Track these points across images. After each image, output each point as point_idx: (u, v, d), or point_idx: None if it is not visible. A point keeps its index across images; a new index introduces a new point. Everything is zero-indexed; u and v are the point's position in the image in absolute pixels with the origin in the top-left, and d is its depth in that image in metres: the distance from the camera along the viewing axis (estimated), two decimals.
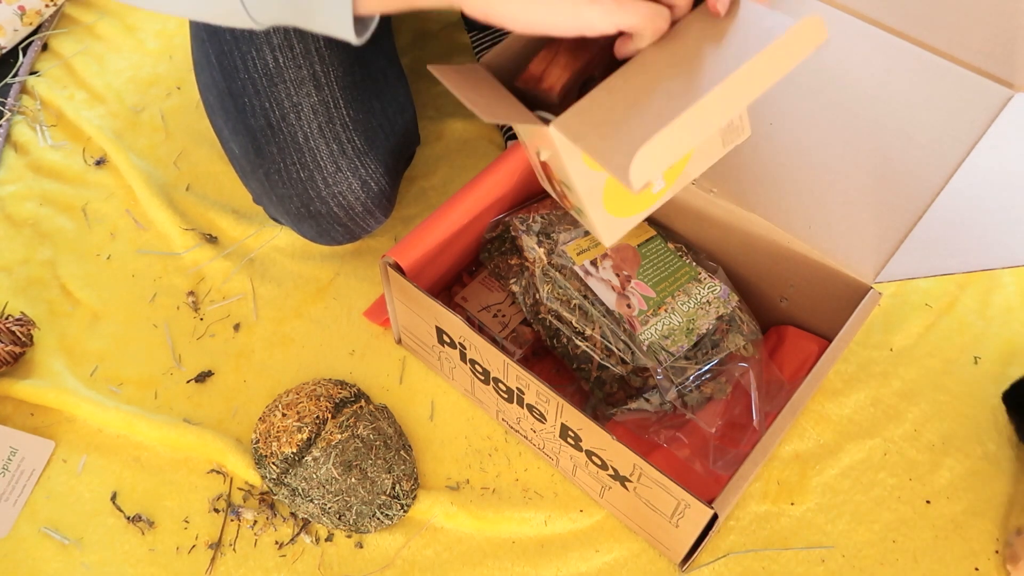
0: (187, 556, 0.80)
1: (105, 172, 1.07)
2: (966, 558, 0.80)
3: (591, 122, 0.55)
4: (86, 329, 0.94)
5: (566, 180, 0.61)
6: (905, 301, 0.96)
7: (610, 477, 0.74)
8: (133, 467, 0.85)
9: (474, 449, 0.86)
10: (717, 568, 0.79)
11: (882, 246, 0.78)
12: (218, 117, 0.87)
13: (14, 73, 1.16)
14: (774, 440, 0.70)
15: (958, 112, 0.83)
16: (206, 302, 0.96)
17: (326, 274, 0.98)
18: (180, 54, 1.19)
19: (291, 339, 0.93)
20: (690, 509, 0.67)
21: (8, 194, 1.05)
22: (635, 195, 0.65)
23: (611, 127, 0.54)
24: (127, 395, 0.89)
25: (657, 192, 0.67)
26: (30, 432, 0.86)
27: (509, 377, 0.75)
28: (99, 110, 1.13)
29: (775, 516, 0.82)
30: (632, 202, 0.65)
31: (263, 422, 0.84)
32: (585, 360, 0.81)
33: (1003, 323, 0.94)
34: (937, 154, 0.82)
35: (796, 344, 0.87)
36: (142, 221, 1.02)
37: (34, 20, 1.18)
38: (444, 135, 1.10)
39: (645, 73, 0.57)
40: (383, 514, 0.80)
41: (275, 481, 0.81)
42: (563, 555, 0.80)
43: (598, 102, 0.56)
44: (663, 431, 0.81)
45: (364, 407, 0.85)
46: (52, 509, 0.82)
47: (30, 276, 0.98)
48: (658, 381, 0.77)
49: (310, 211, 0.85)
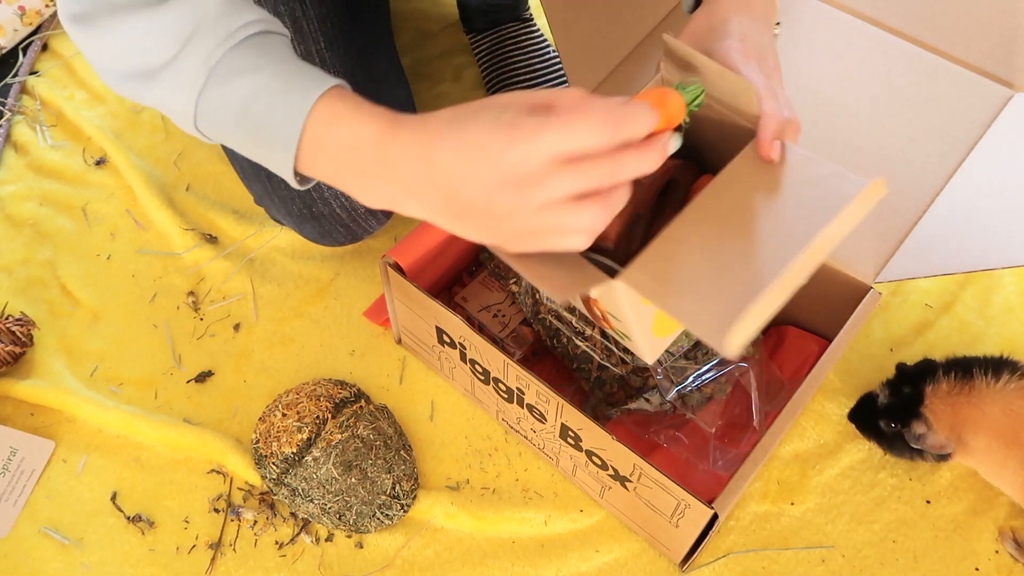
0: (187, 556, 0.80)
1: (105, 172, 1.07)
2: (966, 558, 0.80)
3: (663, 279, 0.54)
4: (86, 329, 0.94)
5: (618, 316, 0.60)
6: (905, 301, 0.96)
7: (610, 477, 0.74)
8: (133, 467, 0.85)
9: (474, 449, 0.86)
10: (717, 568, 0.79)
11: (882, 246, 0.78)
12: None
13: (14, 73, 1.16)
14: (774, 440, 0.70)
15: (958, 112, 0.83)
16: (206, 302, 0.96)
17: (326, 274, 0.98)
18: None
19: (291, 339, 0.93)
20: (690, 509, 0.67)
21: (8, 194, 1.05)
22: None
23: (689, 287, 0.54)
24: (127, 395, 0.89)
25: None
26: (30, 432, 0.86)
27: (509, 377, 0.75)
28: (99, 110, 1.13)
29: (775, 516, 0.82)
30: (673, 323, 0.65)
31: (263, 422, 0.84)
32: (585, 360, 0.81)
33: (1003, 323, 0.94)
34: (937, 154, 0.82)
35: (796, 344, 0.87)
36: (142, 221, 1.02)
37: (34, 20, 1.18)
38: None
39: (708, 224, 0.56)
40: (383, 514, 0.80)
41: (275, 481, 0.81)
42: (563, 555, 0.80)
43: (665, 255, 0.55)
44: (663, 431, 0.81)
45: (364, 407, 0.85)
46: (52, 509, 0.82)
47: (30, 276, 0.98)
48: (658, 381, 0.77)
49: (312, 212, 0.85)
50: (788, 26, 0.92)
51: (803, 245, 0.53)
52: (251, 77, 0.57)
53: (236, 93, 0.57)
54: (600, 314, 0.64)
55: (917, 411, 0.76)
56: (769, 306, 0.53)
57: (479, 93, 1.13)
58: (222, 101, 0.58)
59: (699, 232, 0.56)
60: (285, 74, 0.57)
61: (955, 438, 0.75)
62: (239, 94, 0.57)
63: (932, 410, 0.75)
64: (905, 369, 0.80)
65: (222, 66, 0.57)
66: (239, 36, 0.58)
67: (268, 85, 0.56)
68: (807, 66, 0.89)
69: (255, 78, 0.57)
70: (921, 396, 0.76)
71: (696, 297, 0.53)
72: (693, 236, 0.56)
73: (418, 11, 1.23)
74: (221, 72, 0.57)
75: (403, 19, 1.22)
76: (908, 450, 0.79)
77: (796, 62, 0.89)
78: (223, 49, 0.57)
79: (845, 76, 0.88)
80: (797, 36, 0.91)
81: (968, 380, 0.75)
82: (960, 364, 0.77)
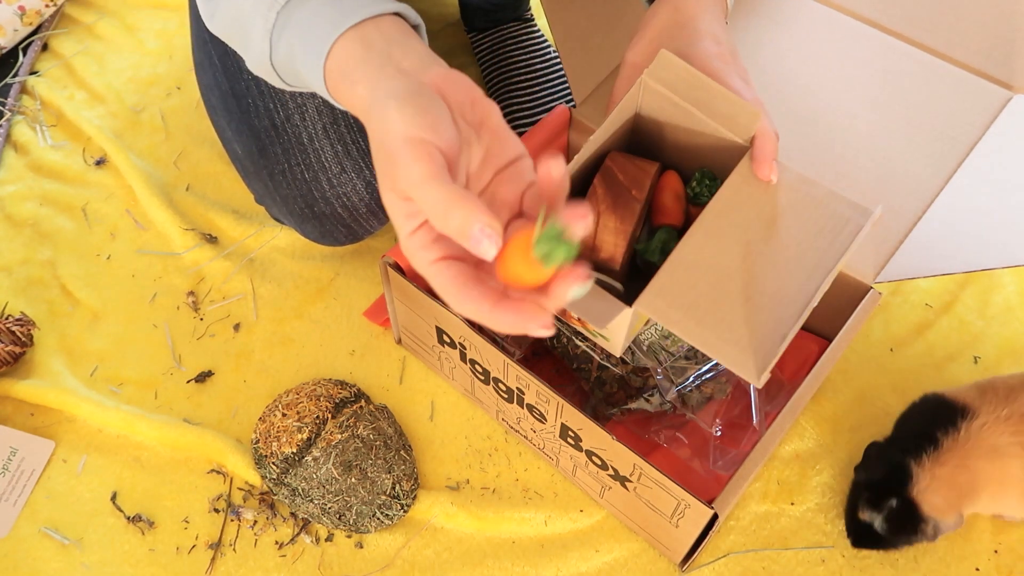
0: (187, 556, 0.80)
1: (105, 172, 1.07)
2: (966, 558, 0.80)
3: (680, 305, 0.54)
4: (86, 329, 0.94)
5: (604, 332, 0.60)
6: (905, 301, 0.96)
7: (610, 477, 0.74)
8: (133, 467, 0.85)
9: (474, 449, 0.86)
10: (717, 568, 0.79)
11: (882, 246, 0.78)
12: (221, 118, 0.87)
13: (14, 73, 1.16)
14: (774, 440, 0.70)
15: (957, 113, 0.84)
16: (206, 302, 0.96)
17: (326, 274, 0.98)
18: (180, 54, 1.19)
19: (291, 339, 0.93)
20: (690, 509, 0.67)
21: (8, 194, 1.05)
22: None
23: (710, 315, 0.54)
24: (127, 395, 0.89)
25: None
26: (30, 432, 0.86)
27: (509, 377, 0.75)
28: (99, 110, 1.13)
29: (775, 516, 0.82)
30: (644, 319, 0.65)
31: (263, 422, 0.84)
32: (585, 360, 0.81)
33: (1003, 323, 0.94)
34: (936, 155, 0.82)
35: (796, 344, 0.87)
36: (142, 221, 1.02)
37: (34, 20, 1.18)
38: None
39: (716, 246, 0.57)
40: (383, 514, 0.80)
41: (275, 481, 0.81)
42: (563, 555, 0.80)
43: (679, 279, 0.56)
44: (663, 431, 0.81)
45: (364, 407, 0.85)
46: (52, 509, 0.82)
47: (30, 276, 0.98)
48: (658, 381, 0.77)
49: (314, 212, 0.85)
50: (788, 28, 0.92)
51: (826, 273, 0.53)
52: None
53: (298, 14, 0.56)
54: (576, 316, 0.64)
55: (919, 516, 0.72)
56: (792, 334, 0.53)
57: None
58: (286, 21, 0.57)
59: (709, 256, 0.56)
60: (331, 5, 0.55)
61: (963, 508, 0.72)
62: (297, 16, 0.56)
63: (931, 506, 0.71)
64: (873, 481, 0.75)
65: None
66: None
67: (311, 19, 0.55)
68: (807, 68, 0.89)
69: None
70: (912, 503, 0.72)
71: (720, 328, 0.53)
72: (704, 259, 0.56)
73: (418, 11, 1.23)
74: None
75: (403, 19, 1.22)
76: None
77: (796, 64, 0.89)
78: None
79: (845, 78, 0.88)
80: (797, 38, 0.91)
81: (936, 450, 0.71)
82: (916, 439, 0.73)
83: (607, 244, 0.59)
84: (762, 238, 0.57)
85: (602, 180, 0.61)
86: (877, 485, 0.74)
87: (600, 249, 0.60)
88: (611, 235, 0.59)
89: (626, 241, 0.59)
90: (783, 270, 0.55)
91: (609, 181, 0.61)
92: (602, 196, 0.60)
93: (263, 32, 0.57)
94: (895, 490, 0.72)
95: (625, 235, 0.59)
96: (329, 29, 0.53)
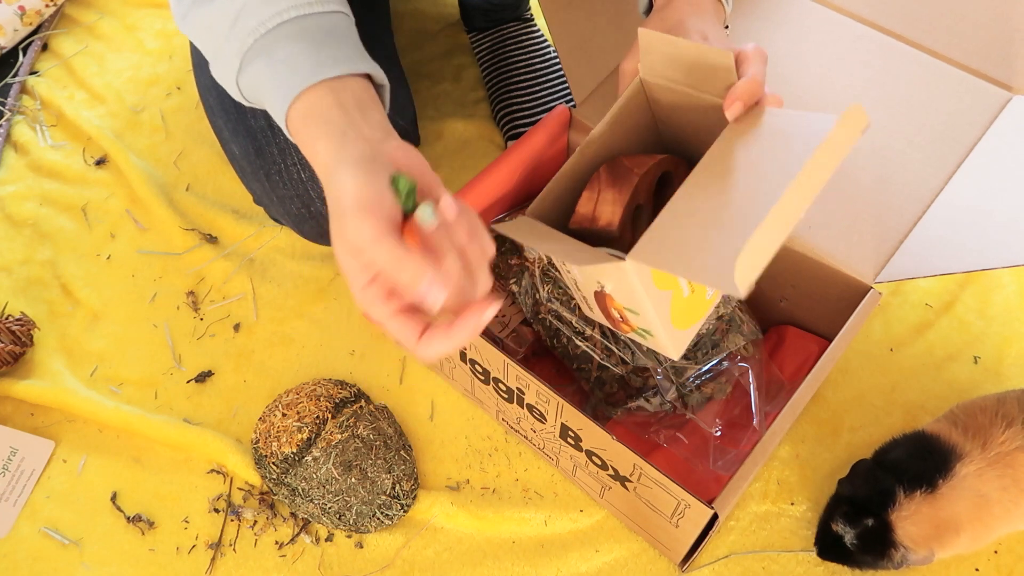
0: (187, 556, 0.80)
1: (105, 172, 1.07)
2: (966, 558, 0.80)
3: (668, 247, 0.56)
4: (86, 329, 0.94)
5: (634, 306, 0.62)
6: (905, 301, 0.96)
7: (610, 477, 0.74)
8: (133, 467, 0.85)
9: (474, 449, 0.86)
10: (717, 568, 0.79)
11: (882, 246, 0.78)
12: (218, 118, 0.87)
13: (14, 73, 1.16)
14: (774, 440, 0.70)
15: (957, 114, 0.84)
16: (206, 302, 0.96)
17: (326, 274, 0.98)
18: (180, 54, 1.19)
19: (291, 339, 0.93)
20: (690, 509, 0.67)
21: (8, 194, 1.05)
22: (695, 306, 0.66)
23: (693, 247, 0.55)
24: (127, 395, 0.89)
25: (710, 297, 0.67)
26: (30, 432, 0.86)
27: (509, 377, 0.75)
28: (99, 110, 1.13)
29: (775, 516, 0.82)
30: (692, 313, 0.66)
31: (263, 422, 0.84)
32: (585, 360, 0.81)
33: (1003, 323, 0.94)
34: (937, 155, 0.82)
35: (796, 344, 0.87)
36: (142, 221, 1.02)
37: (34, 20, 1.18)
38: (444, 135, 1.10)
39: (703, 193, 0.58)
40: (383, 514, 0.80)
41: (275, 481, 0.81)
42: (563, 555, 0.80)
43: (667, 228, 0.57)
44: (663, 431, 0.81)
45: (364, 407, 0.85)
46: (52, 509, 0.82)
47: (30, 276, 0.98)
48: (658, 381, 0.77)
49: (311, 211, 0.85)
50: (787, 29, 0.92)
51: (793, 178, 0.53)
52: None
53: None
54: (618, 315, 0.65)
55: (890, 540, 0.72)
56: (770, 240, 0.53)
57: (479, 93, 1.13)
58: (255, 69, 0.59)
59: (698, 204, 0.58)
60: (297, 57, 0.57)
61: (939, 547, 0.72)
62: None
63: (906, 534, 0.71)
64: (856, 498, 0.75)
65: (270, 35, 0.58)
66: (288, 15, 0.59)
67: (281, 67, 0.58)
68: (806, 69, 0.89)
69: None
70: (889, 527, 0.72)
71: (702, 255, 0.54)
72: (689, 210, 0.58)
73: (418, 11, 1.23)
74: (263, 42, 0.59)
75: (402, 19, 1.22)
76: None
77: (795, 65, 0.89)
78: (274, 23, 0.58)
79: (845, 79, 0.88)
80: (796, 39, 0.91)
81: (931, 489, 0.71)
82: (906, 473, 0.73)
83: (605, 213, 0.64)
84: (744, 175, 0.58)
85: (607, 167, 0.66)
86: (858, 502, 0.74)
87: (599, 218, 0.65)
88: (609, 205, 0.64)
89: (622, 208, 0.63)
90: (761, 190, 0.55)
91: (613, 166, 0.66)
92: (604, 177, 0.65)
93: (236, 51, 0.60)
94: (874, 511, 0.73)
95: (621, 204, 0.63)
96: (305, 74, 0.56)
